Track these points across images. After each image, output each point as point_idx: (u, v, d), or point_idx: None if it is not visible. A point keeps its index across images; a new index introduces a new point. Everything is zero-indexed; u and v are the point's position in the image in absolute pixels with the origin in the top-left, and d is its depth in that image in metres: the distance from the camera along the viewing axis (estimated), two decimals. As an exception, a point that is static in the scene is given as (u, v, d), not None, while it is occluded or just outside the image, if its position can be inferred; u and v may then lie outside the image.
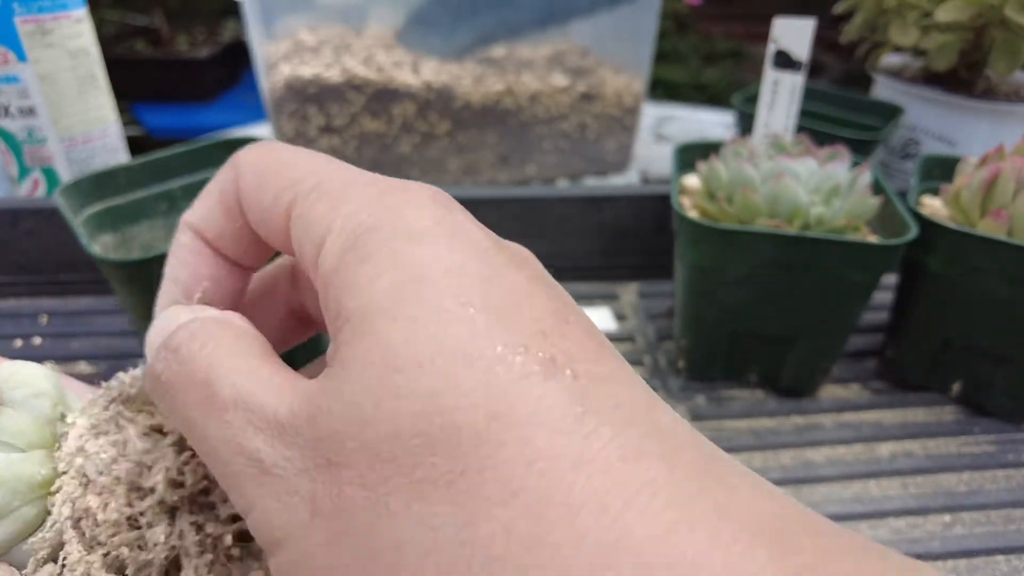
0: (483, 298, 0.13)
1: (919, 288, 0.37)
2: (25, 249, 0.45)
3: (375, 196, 0.15)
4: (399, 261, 0.13)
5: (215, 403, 0.14)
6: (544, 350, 0.12)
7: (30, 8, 0.44)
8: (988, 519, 0.32)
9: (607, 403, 0.12)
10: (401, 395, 0.12)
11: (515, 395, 0.12)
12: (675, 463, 0.11)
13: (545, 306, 0.13)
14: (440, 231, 0.14)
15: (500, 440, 0.11)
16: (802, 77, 0.39)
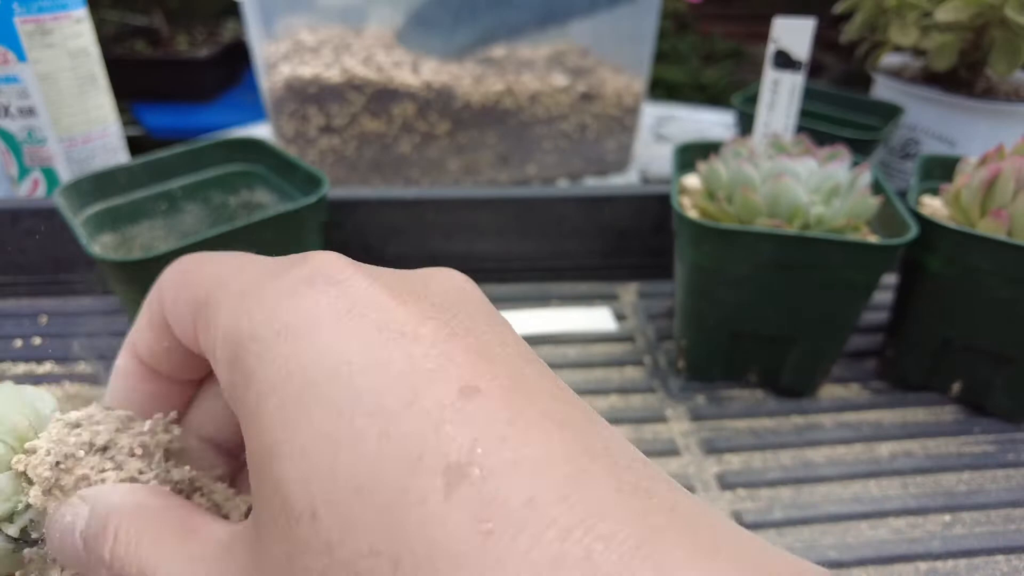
0: (372, 399, 0.12)
1: (919, 288, 0.37)
2: (25, 249, 0.45)
3: (250, 293, 0.14)
4: (279, 376, 0.12)
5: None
6: (444, 451, 0.11)
7: (30, 8, 0.44)
8: (988, 519, 0.32)
9: (519, 502, 0.11)
10: (307, 550, 0.11)
11: (414, 529, 0.11)
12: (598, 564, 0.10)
13: (450, 379, 0.12)
14: (320, 318, 0.13)
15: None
16: (802, 77, 0.39)
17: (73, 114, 0.48)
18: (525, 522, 0.10)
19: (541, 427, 0.12)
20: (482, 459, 0.11)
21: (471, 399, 0.12)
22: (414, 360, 0.12)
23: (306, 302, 0.13)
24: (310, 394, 0.12)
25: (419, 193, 0.46)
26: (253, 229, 0.35)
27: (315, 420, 0.12)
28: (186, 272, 0.16)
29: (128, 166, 0.40)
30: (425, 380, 0.12)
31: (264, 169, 0.43)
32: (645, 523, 0.11)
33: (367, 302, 0.13)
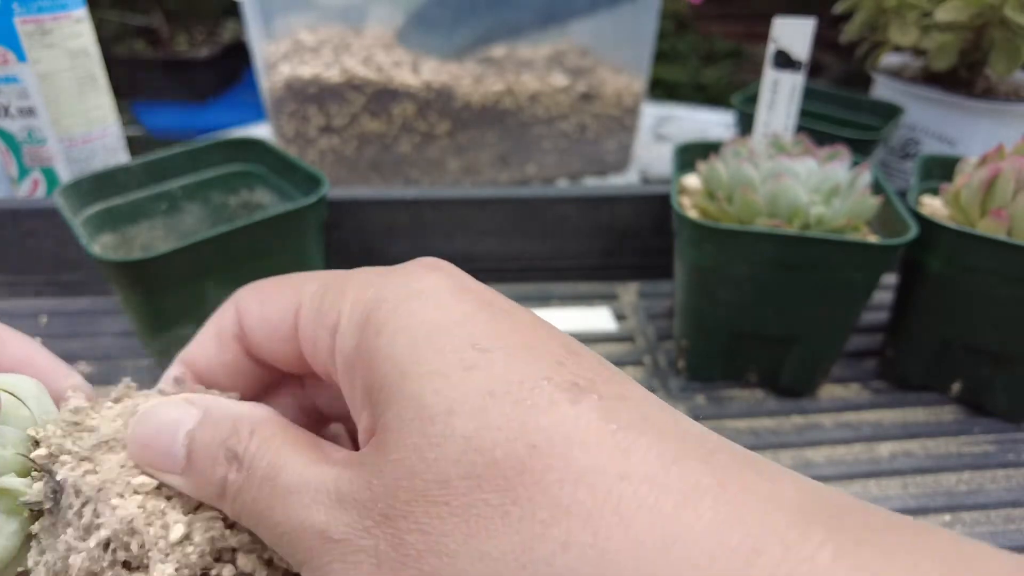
0: (497, 340, 0.14)
1: (919, 288, 0.37)
2: (25, 249, 0.45)
3: (376, 276, 0.16)
4: (411, 322, 0.14)
5: (278, 491, 0.14)
6: (565, 378, 0.13)
7: (30, 8, 0.44)
8: (988, 519, 0.32)
9: (636, 418, 0.13)
10: (440, 443, 0.13)
11: (548, 422, 0.12)
12: (714, 465, 0.12)
13: (556, 340, 0.14)
14: (442, 289, 0.15)
15: (544, 465, 0.12)
16: (802, 77, 0.39)
17: (73, 114, 0.48)
18: (646, 429, 0.12)
19: (631, 383, 0.14)
20: (598, 388, 0.13)
21: (576, 354, 0.14)
22: (524, 324, 0.15)
23: (429, 278, 0.16)
24: (440, 334, 0.14)
25: (419, 193, 0.46)
26: (253, 229, 0.35)
27: (446, 350, 0.14)
28: (277, 285, 0.18)
29: (128, 166, 0.40)
30: (536, 338, 0.14)
31: (264, 169, 0.43)
32: (738, 449, 0.13)
33: (475, 288, 0.16)
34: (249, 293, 0.19)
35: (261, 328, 0.18)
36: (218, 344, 0.19)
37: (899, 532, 0.11)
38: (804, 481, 0.12)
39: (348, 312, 0.16)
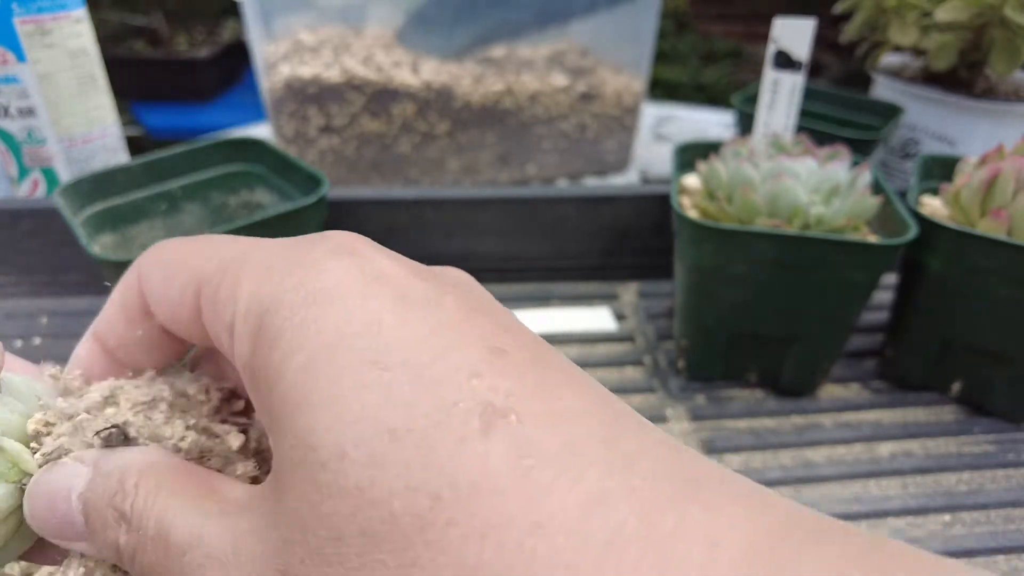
0: (403, 352, 0.12)
1: (919, 288, 0.37)
2: (25, 249, 0.45)
3: (274, 264, 0.14)
4: (307, 334, 0.12)
5: (171, 552, 0.13)
6: (479, 397, 0.11)
7: (29, 8, 0.44)
8: (988, 519, 0.32)
9: (560, 445, 0.11)
10: (333, 495, 0.11)
11: (454, 465, 0.11)
12: (645, 499, 0.10)
13: (477, 340, 0.12)
14: (349, 284, 0.13)
15: (448, 519, 0.10)
16: (802, 77, 0.39)
17: (73, 114, 0.48)
18: (567, 461, 0.11)
19: (568, 388, 0.12)
20: (517, 406, 0.11)
21: (500, 357, 0.12)
22: (441, 323, 0.13)
23: (334, 271, 0.13)
24: (340, 349, 0.12)
25: (419, 193, 0.46)
26: (253, 229, 0.35)
27: (344, 371, 0.12)
28: (178, 253, 0.16)
29: (128, 166, 0.40)
30: (454, 339, 0.12)
31: (264, 169, 0.43)
32: (683, 469, 0.11)
33: (390, 274, 0.14)
34: (150, 264, 0.16)
35: (164, 306, 0.16)
36: (126, 319, 0.17)
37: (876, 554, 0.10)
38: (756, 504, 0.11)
39: (242, 315, 0.14)
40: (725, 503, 0.11)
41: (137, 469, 0.14)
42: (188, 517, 0.13)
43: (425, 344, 0.12)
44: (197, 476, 0.15)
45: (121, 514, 0.14)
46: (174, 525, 0.13)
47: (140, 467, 0.14)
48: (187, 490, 0.14)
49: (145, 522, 0.14)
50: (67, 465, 0.15)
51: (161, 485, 0.14)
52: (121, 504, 0.14)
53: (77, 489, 0.14)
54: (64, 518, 0.14)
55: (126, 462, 0.15)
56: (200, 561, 0.13)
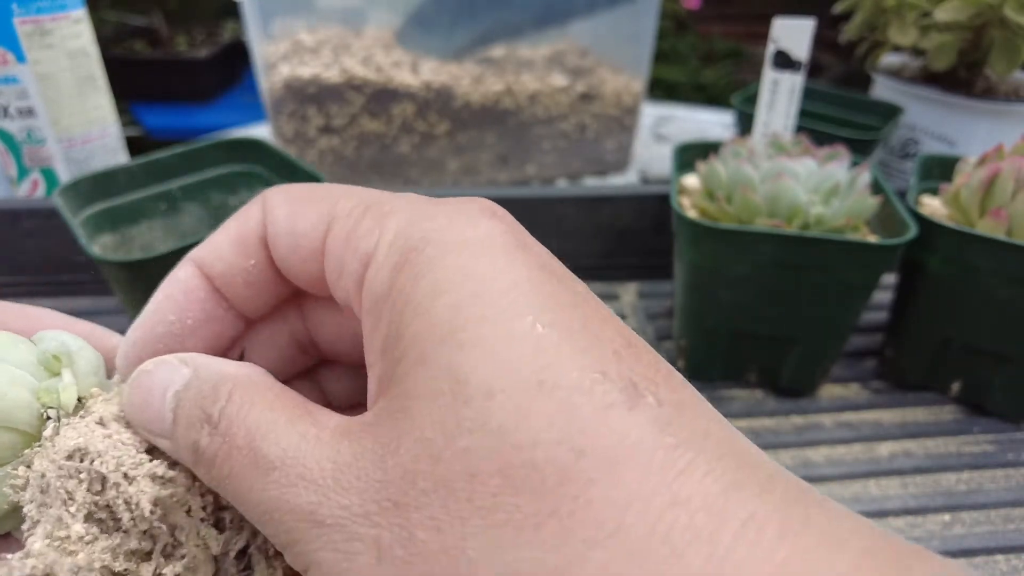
0: (551, 315, 0.12)
1: (918, 288, 0.37)
2: (25, 250, 0.45)
3: (424, 208, 0.14)
4: (457, 278, 0.13)
5: (260, 466, 0.13)
6: (622, 375, 0.12)
7: (29, 9, 0.44)
8: (987, 518, 0.32)
9: (695, 432, 0.11)
10: (474, 429, 0.11)
11: (600, 428, 0.11)
12: (774, 495, 0.11)
13: (613, 325, 0.13)
14: (498, 243, 0.13)
15: (589, 478, 0.10)
16: (801, 77, 0.39)
17: (72, 114, 0.48)
18: (702, 445, 0.11)
19: (684, 386, 0.13)
20: (655, 390, 0.12)
21: (633, 346, 0.13)
22: (581, 299, 0.13)
23: (484, 226, 0.14)
24: (489, 297, 0.12)
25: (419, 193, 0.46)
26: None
27: (497, 319, 0.12)
28: (311, 191, 0.16)
29: (127, 166, 0.40)
30: (593, 316, 0.13)
31: (264, 169, 0.43)
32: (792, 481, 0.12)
33: (531, 244, 0.14)
34: (278, 196, 0.16)
35: (286, 239, 0.16)
36: (241, 248, 0.16)
37: None
38: (861, 520, 0.11)
39: (387, 245, 0.14)
40: (839, 513, 0.11)
41: (233, 378, 0.14)
42: (283, 434, 0.13)
43: (572, 312, 0.12)
44: (294, 398, 0.14)
45: (208, 416, 0.14)
46: (266, 439, 0.13)
47: (237, 377, 0.14)
48: (284, 408, 0.14)
49: (234, 428, 0.13)
50: (171, 364, 0.15)
51: (256, 398, 0.14)
52: (210, 407, 0.14)
53: (175, 386, 0.14)
54: (156, 413, 0.14)
55: (225, 371, 0.15)
56: (292, 480, 0.12)
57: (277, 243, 0.16)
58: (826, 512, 0.11)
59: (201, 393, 0.14)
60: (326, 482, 0.12)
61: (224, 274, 0.16)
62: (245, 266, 0.16)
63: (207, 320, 0.17)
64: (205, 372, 0.15)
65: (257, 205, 0.16)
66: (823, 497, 0.12)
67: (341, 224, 0.15)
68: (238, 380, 0.14)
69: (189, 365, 0.15)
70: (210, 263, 0.16)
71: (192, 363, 0.15)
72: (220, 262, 0.16)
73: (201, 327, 0.17)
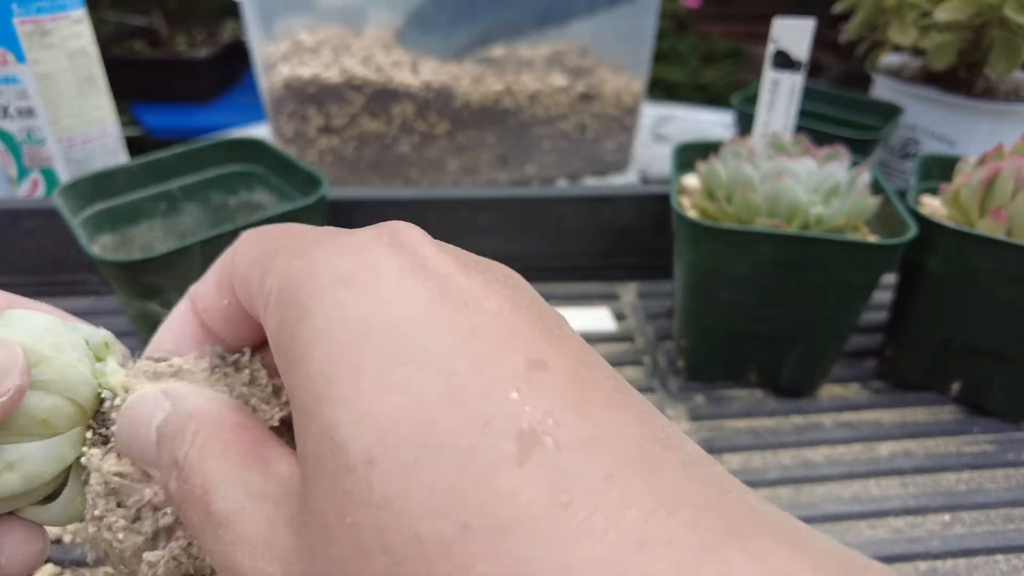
0: (440, 357, 0.11)
1: (918, 288, 0.37)
2: (24, 250, 0.45)
3: (312, 241, 0.13)
4: (335, 319, 0.12)
5: (211, 520, 0.13)
6: (515, 419, 0.10)
7: (29, 9, 0.44)
8: (987, 518, 0.32)
9: (598, 478, 0.10)
10: (358, 502, 0.11)
11: (485, 493, 0.10)
12: (685, 548, 0.10)
13: (517, 349, 0.12)
14: (385, 270, 0.12)
15: (474, 553, 0.10)
16: (801, 77, 0.39)
17: (72, 115, 0.48)
18: (605, 498, 0.10)
19: (610, 410, 0.11)
20: (555, 431, 0.10)
21: (539, 372, 0.11)
22: (479, 328, 0.12)
23: (370, 254, 0.13)
24: (369, 342, 0.11)
25: (419, 193, 0.46)
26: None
27: (374, 368, 0.11)
28: (264, 232, 0.16)
29: (127, 167, 0.40)
30: (492, 348, 0.11)
31: (263, 169, 0.43)
32: (725, 513, 0.10)
33: (433, 266, 0.13)
34: (245, 239, 0.16)
35: (238, 282, 0.16)
36: (218, 288, 0.16)
37: None
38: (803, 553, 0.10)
39: (273, 291, 0.13)
40: (771, 550, 0.10)
41: (199, 418, 0.14)
42: (231, 488, 0.13)
43: (461, 349, 0.11)
44: (251, 440, 0.14)
45: (175, 461, 0.14)
46: (217, 492, 0.13)
47: (202, 417, 0.15)
48: (237, 454, 0.14)
49: (193, 478, 0.14)
50: (155, 397, 0.15)
51: (214, 441, 0.14)
52: (177, 450, 0.14)
53: (157, 420, 0.15)
54: (143, 445, 0.15)
55: (195, 408, 0.15)
56: (234, 539, 0.13)
57: (236, 289, 0.16)
58: (752, 556, 0.09)
59: (173, 433, 0.14)
60: (259, 546, 0.12)
61: (207, 311, 0.17)
62: (220, 305, 0.17)
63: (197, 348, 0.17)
64: (182, 406, 0.15)
65: (232, 248, 0.16)
66: (760, 520, 0.10)
67: (259, 268, 0.14)
68: (203, 420, 0.14)
69: (170, 398, 0.15)
70: (198, 300, 0.17)
71: (173, 396, 0.15)
72: (203, 300, 0.17)
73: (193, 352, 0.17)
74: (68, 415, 0.15)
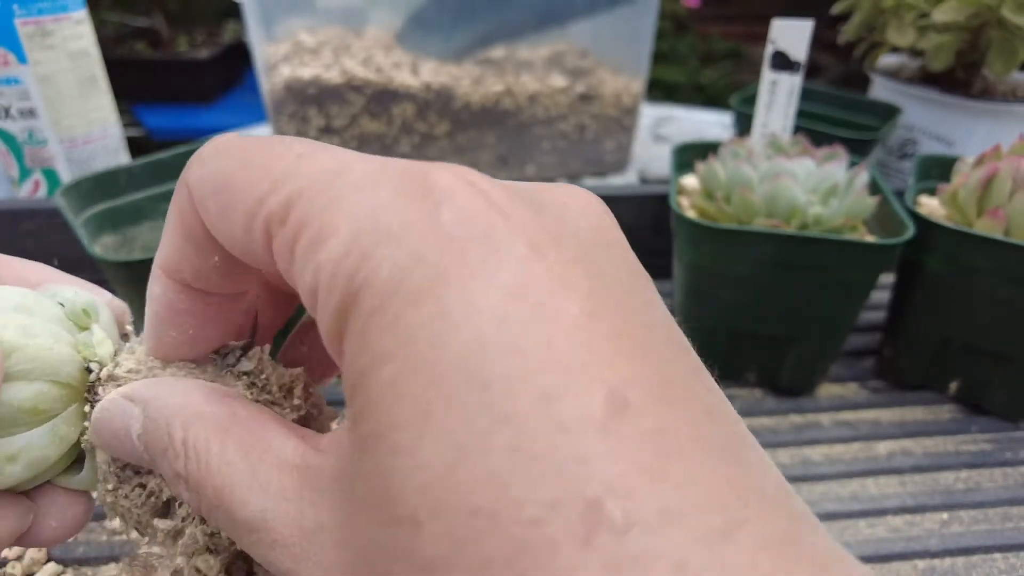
0: (505, 395, 0.10)
1: (917, 287, 0.37)
2: (26, 250, 0.45)
3: (373, 226, 0.11)
4: (399, 339, 0.10)
5: (239, 527, 0.13)
6: (586, 482, 0.09)
7: (30, 10, 0.44)
8: (985, 517, 0.32)
9: (665, 567, 0.09)
10: (399, 558, 0.10)
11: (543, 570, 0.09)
12: None
13: (597, 379, 0.10)
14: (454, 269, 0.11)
15: None
16: (800, 78, 0.39)
17: (74, 115, 0.48)
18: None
19: (694, 459, 0.10)
20: (626, 502, 0.09)
21: (619, 416, 0.10)
22: (553, 348, 0.10)
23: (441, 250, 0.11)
24: (436, 376, 0.10)
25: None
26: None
27: (434, 412, 0.10)
28: (228, 171, 0.13)
29: (129, 167, 0.40)
30: (565, 380, 0.10)
31: (264, 170, 0.43)
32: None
33: (504, 252, 0.11)
34: (202, 182, 0.13)
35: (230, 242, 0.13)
36: (197, 248, 0.14)
37: None
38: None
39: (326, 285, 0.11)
40: None
41: (182, 421, 0.14)
42: (248, 493, 0.12)
43: (529, 386, 0.10)
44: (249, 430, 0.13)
45: (177, 475, 0.13)
46: (234, 499, 0.13)
47: (185, 418, 0.14)
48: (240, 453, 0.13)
49: (204, 489, 0.13)
50: (120, 404, 0.15)
51: (211, 445, 0.13)
52: (175, 465, 0.13)
53: (135, 430, 0.14)
54: (134, 456, 0.14)
55: (171, 408, 0.14)
56: (269, 544, 0.12)
57: (224, 244, 0.14)
58: None
59: (158, 444, 0.14)
60: (298, 550, 0.12)
61: (197, 275, 0.15)
62: (211, 264, 0.14)
63: (205, 323, 0.15)
64: (154, 411, 0.14)
65: (185, 197, 0.14)
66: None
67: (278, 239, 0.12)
68: (188, 422, 0.13)
69: (137, 402, 0.14)
70: (179, 270, 0.15)
71: (139, 399, 0.14)
72: (187, 266, 0.14)
73: (206, 328, 0.16)
74: (57, 397, 0.15)
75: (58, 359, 0.15)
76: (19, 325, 0.14)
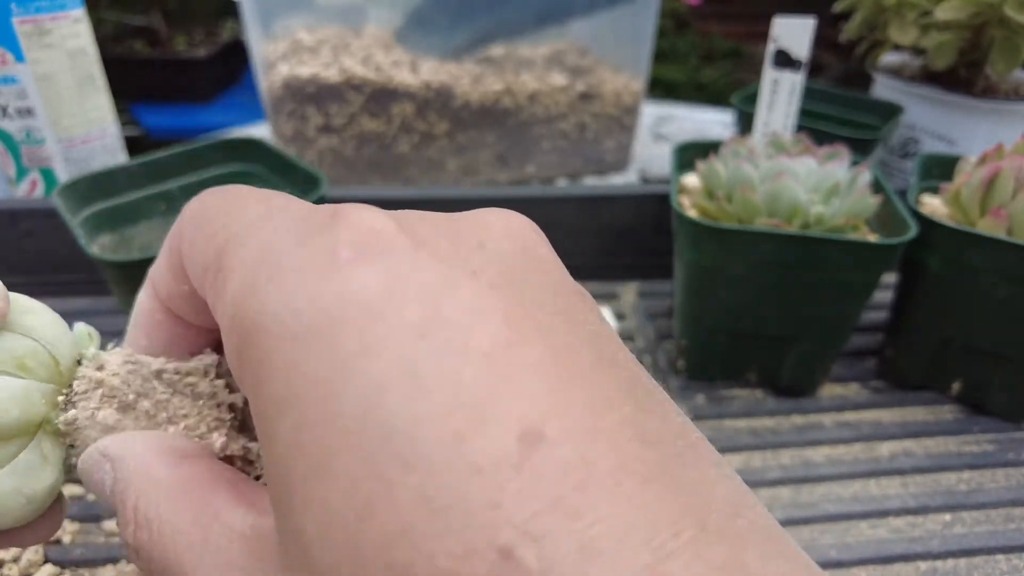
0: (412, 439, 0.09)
1: (919, 287, 0.37)
2: (23, 250, 0.45)
3: (270, 261, 0.11)
4: (298, 386, 0.10)
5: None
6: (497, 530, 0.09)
7: (28, 8, 0.44)
8: (988, 518, 0.32)
9: None
10: None
11: None
12: None
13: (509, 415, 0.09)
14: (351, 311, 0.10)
15: None
16: (801, 76, 0.39)
17: (71, 114, 0.48)
18: None
19: (618, 490, 0.09)
20: (540, 546, 0.09)
21: (534, 451, 0.09)
22: (462, 385, 0.10)
23: (334, 286, 0.10)
24: (334, 426, 0.10)
25: (418, 193, 0.46)
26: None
27: (338, 464, 0.10)
28: (206, 209, 0.14)
29: (127, 166, 0.40)
30: (476, 418, 0.09)
31: (263, 169, 0.43)
32: None
33: (410, 284, 0.10)
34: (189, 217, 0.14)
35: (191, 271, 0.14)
36: (173, 273, 0.15)
37: None
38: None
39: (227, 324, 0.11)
40: None
41: (135, 491, 0.14)
42: (199, 563, 0.12)
43: (438, 427, 0.09)
44: (197, 495, 0.13)
45: (126, 543, 0.14)
46: (193, 570, 0.12)
47: (139, 485, 0.14)
48: (190, 521, 0.13)
49: (153, 564, 0.13)
50: (95, 459, 0.15)
51: (161, 511, 0.13)
52: (125, 534, 0.13)
53: (107, 486, 0.14)
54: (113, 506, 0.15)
55: (130, 472, 0.14)
56: None
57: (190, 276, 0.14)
58: None
59: (121, 506, 0.14)
60: None
61: (169, 297, 0.15)
62: (181, 291, 0.15)
63: (171, 340, 0.16)
64: (119, 472, 0.14)
65: (177, 227, 0.15)
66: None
67: (210, 273, 0.13)
68: (139, 489, 0.13)
69: (109, 459, 0.14)
70: (158, 285, 0.15)
71: (113, 457, 0.14)
72: (163, 286, 0.15)
73: (170, 346, 0.16)
74: (46, 364, 0.15)
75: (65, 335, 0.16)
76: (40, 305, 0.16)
